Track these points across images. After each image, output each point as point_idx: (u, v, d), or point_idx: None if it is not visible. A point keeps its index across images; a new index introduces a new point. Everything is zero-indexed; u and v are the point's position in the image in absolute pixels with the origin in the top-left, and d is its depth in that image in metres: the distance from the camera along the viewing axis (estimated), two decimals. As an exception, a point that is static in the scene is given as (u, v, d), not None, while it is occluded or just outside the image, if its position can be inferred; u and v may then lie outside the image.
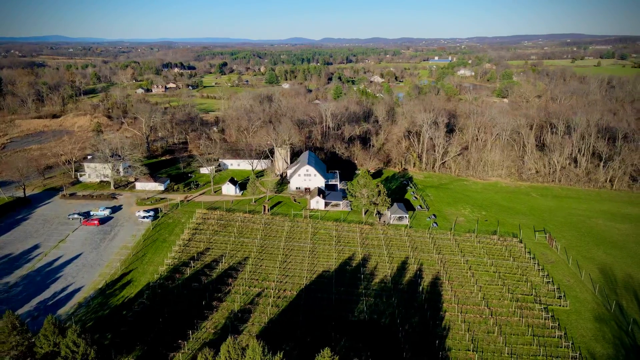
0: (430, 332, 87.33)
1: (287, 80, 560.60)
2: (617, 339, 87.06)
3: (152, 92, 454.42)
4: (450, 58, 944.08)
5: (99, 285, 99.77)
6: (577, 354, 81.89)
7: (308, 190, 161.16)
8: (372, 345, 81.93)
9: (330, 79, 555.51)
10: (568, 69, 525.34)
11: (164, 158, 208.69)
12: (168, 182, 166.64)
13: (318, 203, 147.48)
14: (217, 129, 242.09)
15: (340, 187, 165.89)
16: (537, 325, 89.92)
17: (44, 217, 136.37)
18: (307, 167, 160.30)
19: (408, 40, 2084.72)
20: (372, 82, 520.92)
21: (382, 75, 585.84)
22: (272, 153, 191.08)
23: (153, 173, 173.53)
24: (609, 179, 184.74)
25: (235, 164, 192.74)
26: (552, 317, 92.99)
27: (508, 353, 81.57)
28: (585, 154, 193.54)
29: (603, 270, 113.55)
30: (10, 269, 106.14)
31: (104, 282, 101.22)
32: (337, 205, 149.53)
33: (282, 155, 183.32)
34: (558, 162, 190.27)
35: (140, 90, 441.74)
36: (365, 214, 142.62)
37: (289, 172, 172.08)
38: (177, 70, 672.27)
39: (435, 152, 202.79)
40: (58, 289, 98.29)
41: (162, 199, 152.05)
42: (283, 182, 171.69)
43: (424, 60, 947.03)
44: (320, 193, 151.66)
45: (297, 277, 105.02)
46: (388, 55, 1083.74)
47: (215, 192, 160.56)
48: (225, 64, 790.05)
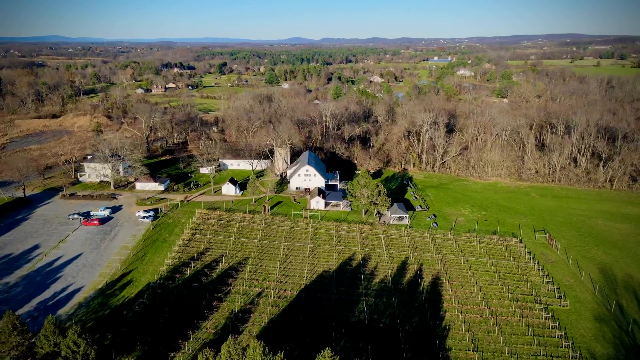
0: (431, 332, 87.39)
1: (286, 80, 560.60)
2: (617, 339, 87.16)
3: (151, 92, 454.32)
4: (450, 58, 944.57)
5: (99, 286, 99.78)
6: (577, 354, 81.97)
7: (308, 190, 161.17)
8: (372, 345, 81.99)
9: (330, 79, 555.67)
10: (567, 69, 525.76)
11: (164, 158, 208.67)
12: (168, 182, 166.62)
13: (318, 203, 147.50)
14: (216, 129, 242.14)
15: (340, 187, 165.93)
16: (537, 325, 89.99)
17: (44, 217, 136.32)
18: (307, 167, 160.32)
19: (407, 40, 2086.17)
20: (371, 82, 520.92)
21: (381, 75, 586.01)
22: (272, 153, 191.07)
23: (153, 173, 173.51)
24: (609, 179, 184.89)
25: (235, 164, 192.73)
26: (552, 317, 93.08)
27: (508, 353, 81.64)
28: (585, 154, 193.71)
29: (603, 270, 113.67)
30: (10, 269, 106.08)
31: (104, 282, 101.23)
32: (337, 205, 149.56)
33: (282, 155, 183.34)
34: (558, 162, 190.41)
35: (140, 90, 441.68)
36: (365, 214, 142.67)
37: (289, 172, 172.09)
38: (176, 70, 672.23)
39: (435, 152, 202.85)
40: (58, 289, 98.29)
41: (162, 199, 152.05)
42: (283, 182, 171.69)
43: (424, 60, 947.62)
44: (320, 193, 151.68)
45: (297, 277, 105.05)
46: (388, 55, 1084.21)
47: (215, 192, 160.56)
48: (225, 64, 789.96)
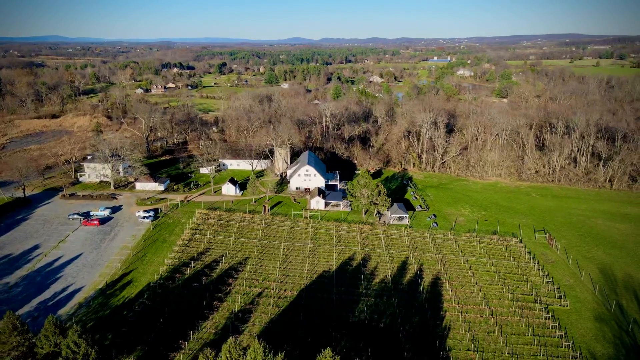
0: (431, 332, 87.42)
1: (286, 80, 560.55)
2: (617, 339, 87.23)
3: (151, 92, 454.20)
4: (449, 58, 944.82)
5: (99, 286, 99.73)
6: (577, 354, 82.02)
7: (308, 190, 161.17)
8: (372, 345, 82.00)
9: (330, 79, 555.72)
10: (567, 69, 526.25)
11: (164, 158, 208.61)
12: (168, 182, 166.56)
13: (318, 203, 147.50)
14: (216, 129, 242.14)
15: (340, 187, 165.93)
16: (537, 325, 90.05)
17: (44, 217, 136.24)
18: (307, 167, 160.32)
19: (407, 40, 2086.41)
20: (371, 82, 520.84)
21: (381, 75, 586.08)
22: (272, 153, 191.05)
23: (153, 173, 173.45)
24: (609, 179, 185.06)
25: (235, 164, 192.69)
26: (552, 317, 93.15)
27: (509, 353, 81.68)
28: (585, 154, 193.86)
29: (603, 270, 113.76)
30: (11, 270, 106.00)
31: (104, 282, 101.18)
32: (337, 205, 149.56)
33: (282, 155, 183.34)
34: (557, 162, 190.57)
35: (140, 90, 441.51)
36: (366, 214, 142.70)
37: (289, 172, 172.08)
38: (176, 71, 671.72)
39: (435, 152, 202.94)
40: (58, 290, 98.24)
41: (162, 199, 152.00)
42: (283, 182, 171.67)
43: (423, 60, 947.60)
44: (320, 193, 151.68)
45: (297, 277, 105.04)
46: (387, 55, 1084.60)
47: (215, 192, 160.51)
48: (225, 64, 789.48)
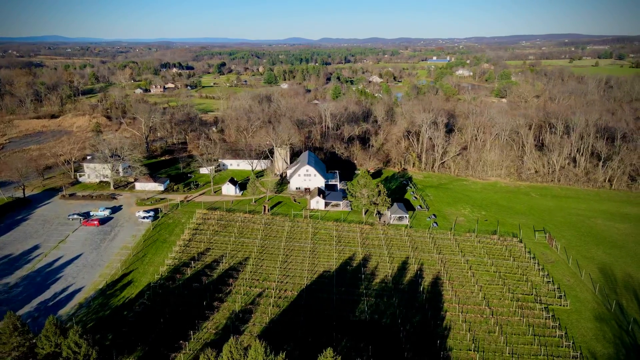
0: (432, 332, 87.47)
1: (285, 81, 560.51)
2: (617, 339, 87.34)
3: (150, 92, 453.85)
4: (449, 58, 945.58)
5: (100, 286, 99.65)
6: (577, 354, 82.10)
7: (308, 191, 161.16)
8: (373, 345, 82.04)
9: (329, 79, 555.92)
10: (566, 69, 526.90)
11: (164, 158, 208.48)
12: (168, 182, 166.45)
13: (318, 203, 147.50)
14: (216, 129, 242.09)
15: (340, 187, 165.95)
16: (537, 325, 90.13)
17: (44, 217, 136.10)
18: (307, 167, 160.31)
19: (406, 40, 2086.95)
20: (370, 82, 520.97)
21: (380, 75, 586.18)
22: (271, 153, 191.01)
23: (153, 173, 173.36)
24: (608, 179, 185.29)
25: (235, 164, 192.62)
26: (552, 316, 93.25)
27: (509, 353, 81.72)
28: (584, 154, 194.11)
29: (603, 270, 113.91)
30: (11, 270, 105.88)
31: (105, 282, 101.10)
32: (337, 205, 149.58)
33: (281, 155, 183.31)
34: (557, 162, 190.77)
35: (139, 91, 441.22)
36: (366, 214, 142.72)
37: (289, 172, 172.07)
38: (175, 71, 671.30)
39: (435, 152, 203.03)
40: (58, 290, 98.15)
41: (162, 199, 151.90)
42: (283, 182, 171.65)
43: (422, 60, 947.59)
44: (320, 193, 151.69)
45: (297, 277, 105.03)
46: (386, 55, 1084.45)
47: (215, 192, 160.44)
48: (224, 64, 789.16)
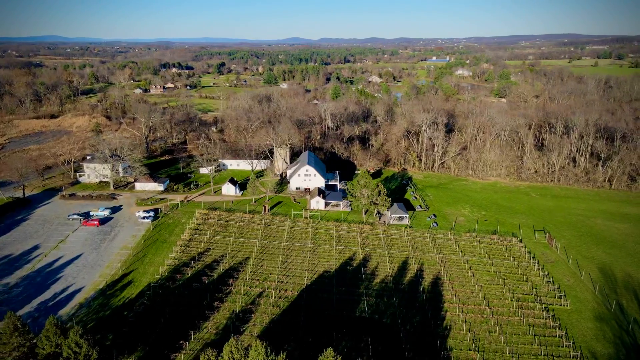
0: (432, 332, 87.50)
1: (285, 80, 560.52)
2: (617, 338, 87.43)
3: (150, 92, 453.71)
4: (448, 58, 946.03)
5: (100, 286, 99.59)
6: (577, 354, 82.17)
7: (308, 190, 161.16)
8: (374, 345, 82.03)
9: (329, 79, 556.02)
10: (565, 69, 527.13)
11: (163, 158, 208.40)
12: (167, 182, 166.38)
13: (318, 203, 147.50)
14: (216, 129, 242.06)
15: (340, 187, 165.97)
16: (537, 325, 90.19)
17: (44, 217, 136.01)
18: (307, 167, 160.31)
19: (406, 40, 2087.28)
20: (370, 82, 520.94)
21: (380, 75, 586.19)
22: (271, 153, 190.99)
23: (152, 173, 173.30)
24: (608, 179, 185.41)
25: (235, 164, 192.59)
26: (552, 316, 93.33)
27: (509, 353, 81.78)
28: (584, 154, 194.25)
29: (603, 270, 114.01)
30: (10, 270, 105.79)
31: (105, 282, 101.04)
32: (337, 205, 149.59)
33: (281, 155, 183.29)
34: (557, 162, 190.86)
35: (139, 91, 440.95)
36: (366, 214, 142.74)
37: (289, 172, 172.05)
38: (175, 71, 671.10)
39: (435, 152, 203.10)
40: (58, 290, 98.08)
41: (162, 200, 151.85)
42: (283, 182, 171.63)
43: (422, 60, 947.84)
44: (320, 193, 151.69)
45: (298, 277, 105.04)
46: (386, 55, 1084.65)
47: (215, 192, 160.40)
48: (223, 64, 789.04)
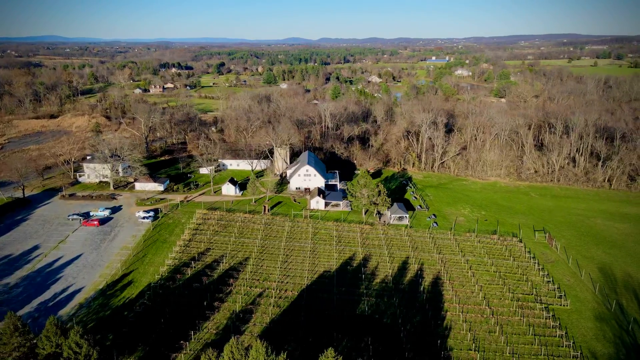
0: (432, 331, 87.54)
1: (285, 80, 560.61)
2: (617, 338, 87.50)
3: (149, 92, 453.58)
4: (448, 58, 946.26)
5: (100, 286, 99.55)
6: (578, 353, 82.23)
7: (308, 191, 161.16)
8: (374, 345, 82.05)
9: (328, 79, 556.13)
10: (565, 69, 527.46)
11: (163, 158, 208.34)
12: (167, 182, 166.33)
13: (318, 203, 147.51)
14: (216, 129, 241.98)
15: (340, 187, 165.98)
16: (538, 325, 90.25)
17: (44, 217, 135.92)
18: (306, 167, 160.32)
19: (405, 40, 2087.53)
20: (370, 82, 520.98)
21: (379, 75, 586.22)
22: (271, 153, 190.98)
23: (152, 173, 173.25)
24: (608, 179, 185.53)
25: (235, 164, 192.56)
26: (552, 316, 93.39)
27: (509, 353, 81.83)
28: (584, 154, 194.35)
29: (603, 270, 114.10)
30: (10, 270, 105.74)
31: (105, 282, 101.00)
32: (337, 205, 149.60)
33: (281, 156, 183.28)
34: (557, 161, 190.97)
35: (138, 91, 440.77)
36: (366, 214, 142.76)
37: (289, 172, 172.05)
38: (174, 71, 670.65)
39: (434, 152, 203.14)
40: (58, 290, 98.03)
41: (161, 200, 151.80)
42: (283, 182, 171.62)
43: (422, 60, 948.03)
44: (320, 193, 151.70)
45: (298, 277, 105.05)
46: (385, 55, 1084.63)
47: (215, 192, 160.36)
48: (223, 64, 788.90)
